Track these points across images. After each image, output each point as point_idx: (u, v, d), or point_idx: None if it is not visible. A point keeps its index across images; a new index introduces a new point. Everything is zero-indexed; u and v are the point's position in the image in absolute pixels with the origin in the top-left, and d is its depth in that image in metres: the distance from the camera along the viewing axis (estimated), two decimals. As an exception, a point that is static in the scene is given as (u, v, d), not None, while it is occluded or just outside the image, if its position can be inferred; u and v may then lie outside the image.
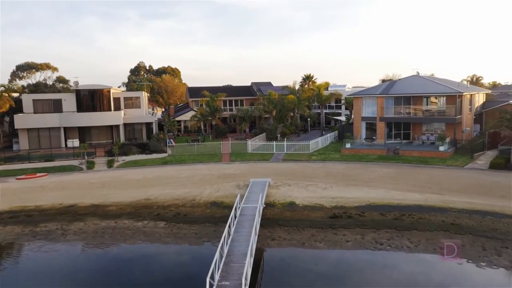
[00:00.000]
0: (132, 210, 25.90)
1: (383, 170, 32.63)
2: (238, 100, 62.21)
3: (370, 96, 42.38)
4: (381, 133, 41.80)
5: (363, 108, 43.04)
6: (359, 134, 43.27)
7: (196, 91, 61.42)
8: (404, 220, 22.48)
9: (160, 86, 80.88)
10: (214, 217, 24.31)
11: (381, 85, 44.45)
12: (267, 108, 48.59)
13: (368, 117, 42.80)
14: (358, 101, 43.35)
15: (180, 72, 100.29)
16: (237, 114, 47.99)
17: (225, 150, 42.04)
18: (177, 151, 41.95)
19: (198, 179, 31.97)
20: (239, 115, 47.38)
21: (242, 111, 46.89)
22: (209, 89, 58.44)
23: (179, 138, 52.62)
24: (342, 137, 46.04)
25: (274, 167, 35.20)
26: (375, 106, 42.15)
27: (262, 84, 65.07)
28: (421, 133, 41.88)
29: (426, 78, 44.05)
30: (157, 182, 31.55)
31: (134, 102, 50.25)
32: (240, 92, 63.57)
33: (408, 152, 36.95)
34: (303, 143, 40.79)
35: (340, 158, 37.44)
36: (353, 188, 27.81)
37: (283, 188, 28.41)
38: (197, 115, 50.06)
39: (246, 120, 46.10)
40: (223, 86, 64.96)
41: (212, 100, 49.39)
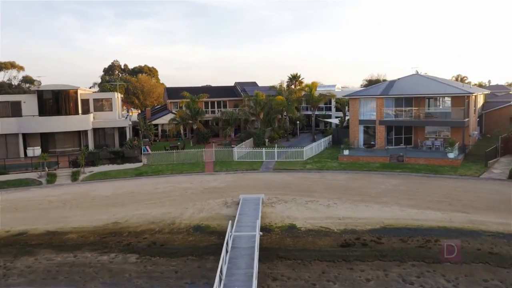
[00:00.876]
0: (97, 239, 21.24)
1: (390, 181, 28.90)
2: (221, 101, 57.77)
3: (369, 97, 38.76)
4: (381, 138, 38.21)
5: (361, 110, 39.38)
6: (356, 139, 39.59)
7: (174, 91, 56.66)
8: (432, 249, 18.65)
9: (136, 87, 75.56)
10: (199, 247, 19.93)
11: (380, 85, 40.94)
12: (254, 110, 44.38)
13: (366, 120, 39.17)
14: (355, 103, 39.65)
15: (157, 71, 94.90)
16: (221, 117, 43.40)
17: (208, 158, 37.61)
18: (153, 159, 37.24)
19: (178, 194, 27.49)
20: (223, 118, 42.82)
21: (227, 113, 42.42)
22: (189, 90, 53.75)
23: (156, 144, 47.81)
24: (337, 142, 42.31)
25: (266, 179, 31.01)
26: (374, 108, 38.54)
27: (247, 84, 60.85)
28: (424, 137, 38.54)
29: (427, 77, 40.83)
30: (129, 199, 26.89)
31: (105, 104, 45.15)
32: (223, 92, 59.16)
33: (414, 159, 33.41)
34: (296, 150, 36.78)
35: (339, 167, 33.58)
36: (361, 205, 23.91)
37: (279, 206, 24.27)
38: (176, 119, 45.40)
39: (231, 124, 41.70)
40: (204, 87, 60.54)
41: (193, 102, 44.84)
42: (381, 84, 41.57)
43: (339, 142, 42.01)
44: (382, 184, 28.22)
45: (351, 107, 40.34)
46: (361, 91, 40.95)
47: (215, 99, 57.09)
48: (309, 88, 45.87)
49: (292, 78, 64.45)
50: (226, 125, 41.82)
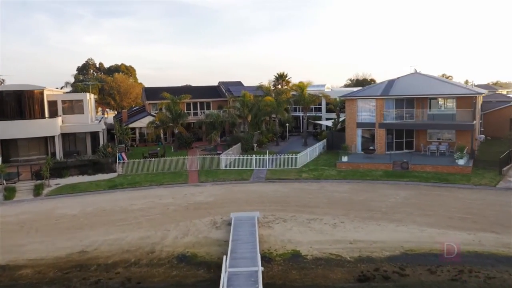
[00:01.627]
0: (58, 275, 17.42)
1: (398, 193, 25.91)
2: (204, 102, 54.01)
3: (368, 98, 35.79)
4: (381, 143, 35.30)
5: (359, 112, 36.39)
6: (354, 143, 36.59)
7: (153, 92, 52.60)
8: (468, 282, 15.60)
9: (112, 86, 70.92)
10: (185, 285, 16.35)
11: (379, 85, 38.06)
12: (241, 112, 40.87)
13: (364, 123, 36.20)
14: (352, 104, 36.63)
15: (135, 70, 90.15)
16: (205, 120, 39.59)
17: (192, 166, 33.92)
18: (130, 169, 33.31)
19: (158, 212, 23.79)
20: (207, 121, 39.01)
21: (212, 116, 38.62)
22: (169, 90, 49.81)
23: (133, 149, 43.75)
24: (332, 146, 39.25)
25: (258, 191, 27.58)
26: (373, 109, 35.61)
27: (232, 84, 57.27)
28: (426, 141, 35.84)
29: (429, 76, 38.17)
30: (100, 219, 23.04)
31: (75, 106, 40.86)
32: (206, 93, 55.42)
33: (420, 166, 30.58)
34: (290, 157, 33.48)
35: (338, 176, 30.46)
36: (373, 224, 20.78)
37: (278, 227, 20.90)
38: (156, 122, 41.47)
39: (217, 127, 38.03)
40: (185, 86, 56.74)
41: (174, 103, 40.99)
42: (380, 84, 38.74)
43: (334, 147, 39.03)
44: (390, 197, 25.20)
45: (348, 108, 37.32)
46: (358, 91, 38.03)
47: (197, 100, 53.30)
48: (300, 88, 42.66)
49: (278, 77, 61.16)
50: (211, 129, 38.15)
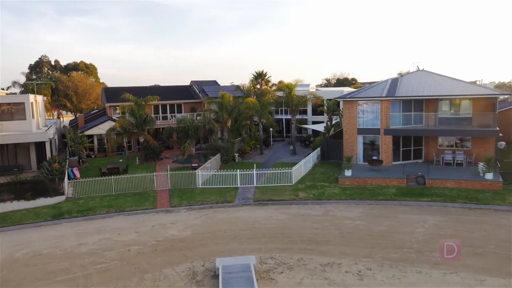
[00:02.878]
0: None
1: (426, 219, 20.81)
2: (175, 104, 47.74)
3: (371, 99, 30.70)
4: (388, 152, 30.33)
5: (360, 116, 31.28)
6: (354, 152, 31.45)
7: (115, 93, 45.84)
8: None
9: (68, 86, 63.14)
10: None
11: (381, 85, 33.11)
12: (220, 117, 34.91)
13: (367, 129, 31.14)
14: (351, 107, 31.49)
15: (96, 69, 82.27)
16: (177, 126, 33.21)
17: (162, 185, 27.76)
18: (82, 190, 26.78)
19: (115, 257, 17.61)
20: (180, 127, 32.64)
21: (185, 121, 32.30)
22: (134, 91, 43.33)
23: (90, 162, 36.98)
24: (327, 156, 34.02)
25: (248, 220, 21.80)
26: (377, 113, 30.60)
27: (206, 83, 51.24)
28: (437, 149, 31.22)
29: (437, 74, 33.56)
30: (31, 273, 16.63)
31: (15, 111, 33.80)
32: (176, 94, 49.13)
33: (439, 181, 25.74)
34: (282, 172, 27.88)
35: (343, 195, 25.16)
36: (411, 271, 15.47)
37: (283, 280, 15.22)
38: (116, 129, 34.90)
39: (191, 135, 31.78)
40: (152, 87, 50.20)
41: (139, 106, 34.55)
42: (381, 83, 33.81)
43: (330, 156, 33.89)
44: (417, 225, 20.05)
45: (346, 112, 32.17)
46: (359, 91, 32.89)
47: (167, 102, 46.98)
48: (288, 88, 37.19)
49: (257, 76, 55.75)
50: (184, 137, 31.94)
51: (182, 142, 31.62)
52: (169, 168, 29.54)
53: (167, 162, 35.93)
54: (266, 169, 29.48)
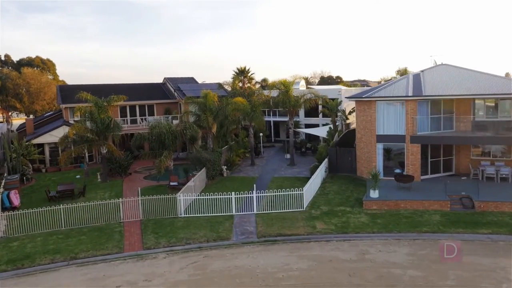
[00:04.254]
0: None
1: (503, 264, 15.12)
2: (146, 105, 40.76)
3: (394, 99, 24.99)
4: (416, 164, 24.76)
5: (380, 120, 25.56)
6: (373, 164, 25.74)
7: (73, 91, 38.25)
8: None
9: (18, 84, 54.63)
10: None
11: (401, 81, 27.46)
12: (203, 122, 28.25)
13: (389, 136, 25.48)
14: (368, 109, 25.76)
15: (54, 65, 73.54)
16: (150, 133, 25.78)
17: (131, 214, 21.03)
18: (20, 226, 19.64)
19: None
20: (153, 135, 25.26)
21: (160, 127, 24.98)
22: (95, 89, 36.17)
23: (39, 178, 29.61)
24: (337, 168, 28.16)
25: (255, 271, 15.48)
26: (401, 116, 24.93)
27: (182, 80, 44.40)
28: (470, 159, 25.97)
29: (465, 69, 28.26)
30: None
31: None
32: (147, 93, 42.12)
33: (493, 204, 20.34)
34: (289, 193, 21.68)
35: (374, 225, 19.30)
36: None
37: None
38: (71, 137, 27.70)
39: (169, 145, 24.68)
40: (118, 84, 42.98)
41: (100, 109, 27.49)
42: (401, 79, 28.19)
43: (340, 169, 28.12)
44: (496, 275, 14.37)
45: (361, 115, 26.44)
46: (376, 89, 27.00)
47: (136, 103, 39.98)
48: (284, 86, 31.03)
49: (239, 73, 49.57)
50: (159, 147, 25.01)
51: (156, 154, 24.88)
52: (141, 189, 22.78)
53: (138, 178, 29.06)
54: (270, 190, 23.17)
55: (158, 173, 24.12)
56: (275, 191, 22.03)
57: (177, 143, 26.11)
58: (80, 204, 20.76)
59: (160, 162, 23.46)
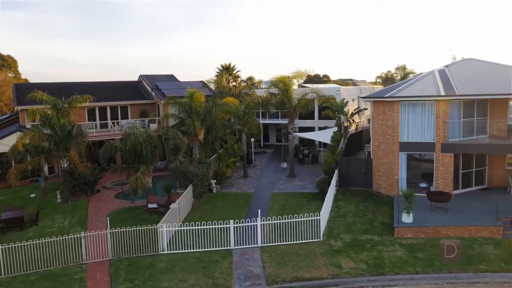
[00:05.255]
0: None
1: None
2: (118, 106, 35.59)
3: (422, 99, 20.87)
4: (448, 177, 20.79)
5: (404, 125, 21.43)
6: (395, 178, 21.63)
7: (27, 90, 32.70)
8: None
9: (-30, 83, 48.29)
10: None
11: (429, 77, 23.31)
12: (189, 127, 23.40)
13: (414, 144, 21.38)
14: (390, 110, 21.62)
15: (16, 61, 66.79)
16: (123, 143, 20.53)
17: (96, 252, 16.10)
18: None
19: None
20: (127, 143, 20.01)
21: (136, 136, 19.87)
22: (55, 88, 30.86)
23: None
24: (348, 182, 23.91)
25: None
26: (430, 120, 20.89)
27: (160, 78, 39.32)
28: (505, 169, 22.17)
29: (496, 64, 24.46)
30: None
31: None
32: (120, 92, 36.91)
33: (558, 230, 16.33)
34: (303, 219, 17.20)
35: (416, 262, 15.07)
36: None
37: None
38: (22, 148, 22.37)
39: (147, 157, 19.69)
40: (85, 83, 37.56)
41: (59, 112, 22.35)
42: (424, 76, 23.97)
43: (351, 182, 23.98)
44: None
45: (380, 118, 22.28)
46: (399, 88, 22.66)
47: (106, 104, 34.81)
48: (284, 84, 26.53)
49: (224, 69, 45.10)
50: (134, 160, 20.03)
51: (131, 169, 19.97)
52: (112, 212, 17.92)
53: (107, 197, 24.00)
54: (276, 216, 18.68)
55: (134, 194, 19.21)
56: (283, 216, 17.51)
57: (157, 154, 21.24)
58: (24, 243, 15.64)
59: (136, 180, 18.56)
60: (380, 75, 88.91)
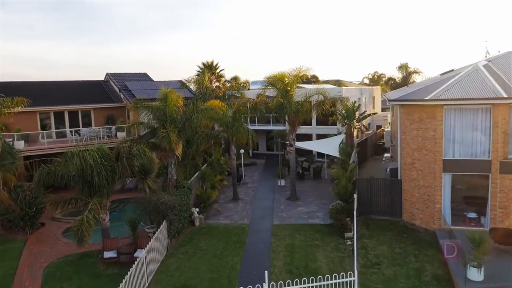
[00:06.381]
0: None
1: None
2: (79, 111, 29.59)
3: (476, 103, 15.72)
4: (510, 206, 15.66)
5: (449, 138, 16.29)
6: (437, 206, 16.45)
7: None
8: None
9: None
10: None
11: (473, 73, 18.15)
12: (164, 139, 17.63)
13: (462, 162, 16.25)
14: (431, 118, 16.46)
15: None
16: (66, 166, 14.28)
17: None
18: None
19: None
20: (72, 168, 14.07)
21: (87, 156, 14.06)
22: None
23: None
24: (370, 209, 18.67)
25: None
26: (484, 130, 15.79)
27: (131, 77, 33.37)
28: None
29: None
30: None
31: None
32: (81, 94, 30.83)
33: None
34: (329, 283, 11.76)
35: None
36: None
37: None
38: None
39: (103, 185, 14.06)
40: (39, 82, 31.18)
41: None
42: (467, 72, 18.78)
43: (373, 209, 18.70)
44: None
45: (413, 128, 17.10)
46: (439, 87, 17.40)
47: (63, 108, 28.79)
48: (283, 83, 21.07)
49: (207, 67, 39.39)
50: (83, 189, 14.12)
51: (78, 202, 14.09)
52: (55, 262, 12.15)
53: (53, 234, 18.06)
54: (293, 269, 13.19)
55: (78, 242, 13.28)
56: (295, 266, 12.06)
57: (116, 180, 15.43)
58: None
59: (80, 223, 12.72)
60: (367, 76, 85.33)
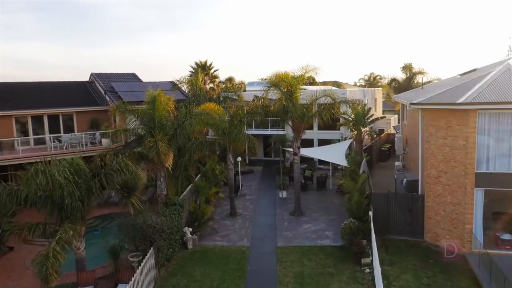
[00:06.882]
0: None
1: None
2: (60, 115, 27.03)
3: None
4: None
5: (482, 148, 14.09)
6: (468, 226, 14.22)
7: None
8: None
9: None
10: None
11: (505, 74, 15.96)
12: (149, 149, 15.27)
13: (497, 176, 14.04)
14: (461, 125, 14.23)
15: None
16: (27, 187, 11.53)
17: None
18: None
19: None
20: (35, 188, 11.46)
21: (55, 174, 11.57)
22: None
23: None
24: (387, 229, 16.41)
25: None
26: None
27: (117, 77, 30.85)
28: None
29: None
30: None
31: None
32: (62, 96, 28.25)
33: None
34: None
35: None
36: None
37: None
38: None
39: (77, 208, 11.78)
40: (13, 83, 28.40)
41: None
42: (498, 72, 16.61)
43: (391, 228, 16.47)
44: None
45: (440, 136, 14.88)
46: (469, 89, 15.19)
47: (42, 112, 26.22)
48: (286, 81, 18.75)
49: (201, 67, 37.14)
50: (51, 213, 11.65)
51: (47, 229, 11.59)
52: None
53: (21, 262, 15.59)
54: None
55: (43, 283, 10.71)
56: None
57: (94, 200, 12.98)
58: None
59: (45, 258, 10.20)
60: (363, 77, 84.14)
